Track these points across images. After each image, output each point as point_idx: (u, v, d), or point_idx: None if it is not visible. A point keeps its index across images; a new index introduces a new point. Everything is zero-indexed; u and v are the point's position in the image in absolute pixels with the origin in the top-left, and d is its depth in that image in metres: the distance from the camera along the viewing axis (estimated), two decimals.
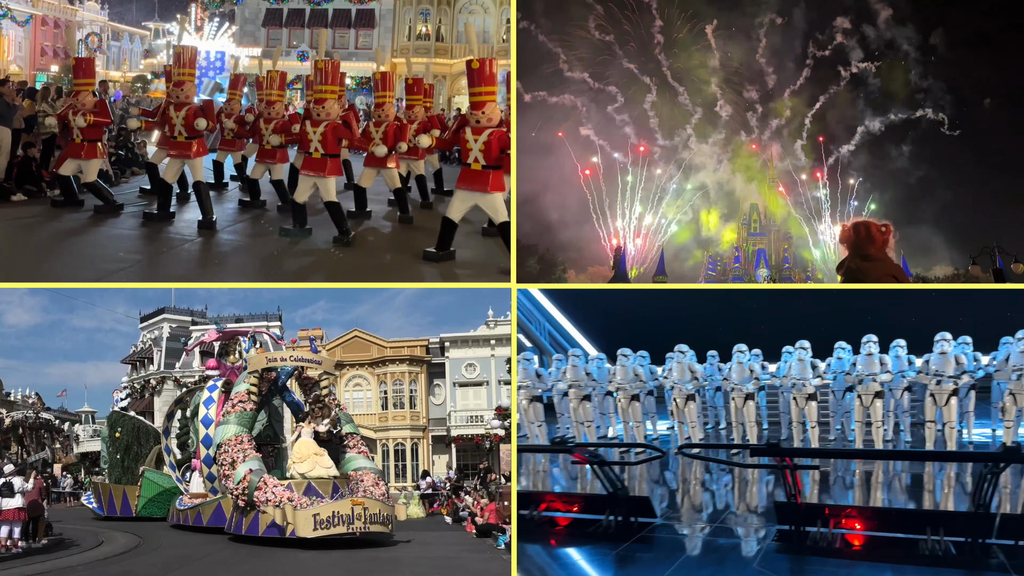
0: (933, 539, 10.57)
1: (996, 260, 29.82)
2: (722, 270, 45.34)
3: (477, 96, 15.57)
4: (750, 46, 44.99)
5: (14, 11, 40.74)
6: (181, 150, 19.06)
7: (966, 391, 18.39)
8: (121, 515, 25.18)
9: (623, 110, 44.24)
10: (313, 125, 17.66)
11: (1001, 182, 42.44)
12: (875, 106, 45.50)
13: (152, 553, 17.97)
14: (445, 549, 18.49)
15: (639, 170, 44.19)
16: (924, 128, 45.24)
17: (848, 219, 43.63)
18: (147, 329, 47.77)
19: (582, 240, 43.36)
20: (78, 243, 17.54)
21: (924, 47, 44.59)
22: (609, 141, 44.16)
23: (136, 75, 52.07)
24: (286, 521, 17.09)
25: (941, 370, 17.26)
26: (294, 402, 22.60)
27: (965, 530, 10.61)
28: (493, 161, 15.47)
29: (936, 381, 17.29)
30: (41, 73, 43.62)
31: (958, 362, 17.34)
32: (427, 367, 39.70)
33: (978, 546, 10.46)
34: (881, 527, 11.18)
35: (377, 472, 19.99)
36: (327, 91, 17.87)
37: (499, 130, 15.51)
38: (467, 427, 38.25)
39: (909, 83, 45.03)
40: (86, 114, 18.94)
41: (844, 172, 45.80)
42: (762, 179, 46.05)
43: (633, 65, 44.40)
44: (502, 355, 36.98)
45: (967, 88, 44.23)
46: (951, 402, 17.28)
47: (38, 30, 45.24)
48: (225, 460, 18.43)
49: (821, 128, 45.82)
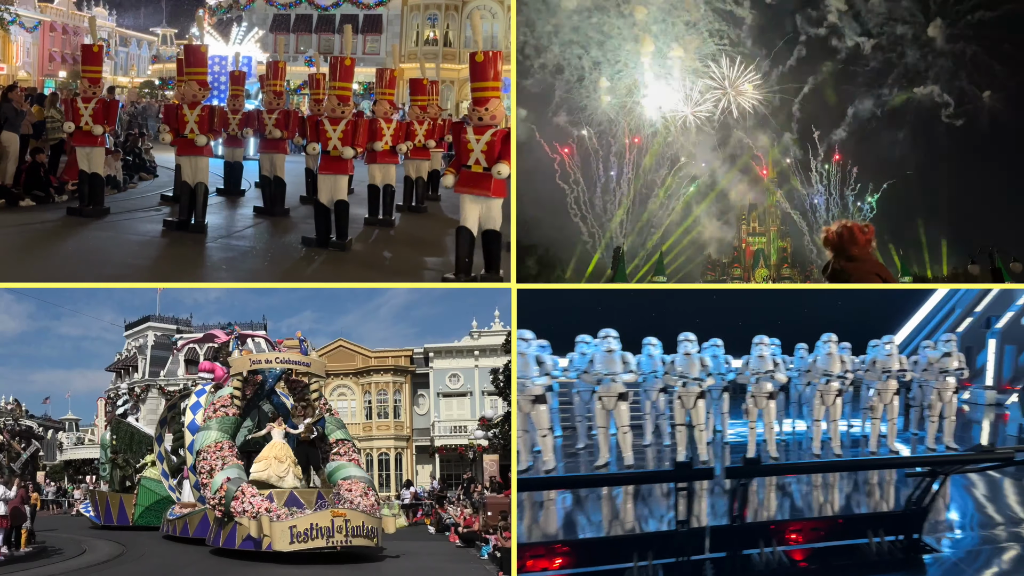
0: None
1: (995, 260, 30.27)
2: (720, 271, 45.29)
3: (481, 91, 14.19)
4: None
5: (22, 17, 40.76)
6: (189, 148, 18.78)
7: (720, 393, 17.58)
8: (118, 524, 24.54)
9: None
10: (332, 124, 17.77)
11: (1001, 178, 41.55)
12: (871, 85, 44.89)
13: (131, 564, 17.84)
14: (429, 560, 18.22)
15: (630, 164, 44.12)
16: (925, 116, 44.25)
17: (847, 216, 43.61)
18: (132, 337, 47.68)
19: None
20: (95, 248, 17.29)
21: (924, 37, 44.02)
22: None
23: (144, 81, 52.20)
24: (262, 534, 16.14)
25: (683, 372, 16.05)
26: (282, 406, 21.05)
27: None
28: (495, 163, 14.03)
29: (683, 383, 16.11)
30: (49, 79, 43.65)
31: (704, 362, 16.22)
32: (411, 377, 39.77)
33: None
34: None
35: (367, 482, 18.62)
36: (346, 88, 18.18)
37: (503, 130, 14.33)
38: (451, 437, 38.33)
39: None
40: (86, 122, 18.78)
41: (841, 163, 45.16)
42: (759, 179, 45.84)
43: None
44: (486, 366, 37.04)
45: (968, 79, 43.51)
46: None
47: (46, 36, 45.31)
48: (204, 468, 17.68)
49: (811, 115, 45.26)
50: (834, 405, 16.90)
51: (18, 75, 41.02)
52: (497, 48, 43.92)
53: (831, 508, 15.51)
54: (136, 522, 24.08)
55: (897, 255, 40.69)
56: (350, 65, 18.11)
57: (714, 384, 16.77)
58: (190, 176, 18.53)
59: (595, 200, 43.93)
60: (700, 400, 16.06)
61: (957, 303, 31.19)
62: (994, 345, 28.66)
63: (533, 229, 40.52)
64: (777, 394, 17.05)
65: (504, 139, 14.13)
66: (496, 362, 33.02)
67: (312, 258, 17.48)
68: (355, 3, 48.64)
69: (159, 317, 46.94)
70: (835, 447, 16.67)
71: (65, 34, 47.87)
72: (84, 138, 18.96)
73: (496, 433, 30.65)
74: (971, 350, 30.10)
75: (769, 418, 16.70)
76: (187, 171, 18.63)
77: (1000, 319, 29.26)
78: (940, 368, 17.60)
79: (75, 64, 46.94)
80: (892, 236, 40.85)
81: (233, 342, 22.55)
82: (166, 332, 46.20)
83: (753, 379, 16.56)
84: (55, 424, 57.54)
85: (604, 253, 42.86)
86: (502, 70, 14.36)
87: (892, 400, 17.30)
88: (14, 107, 21.71)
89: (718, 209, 46.08)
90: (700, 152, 45.09)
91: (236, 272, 16.51)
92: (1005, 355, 26.99)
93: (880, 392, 17.20)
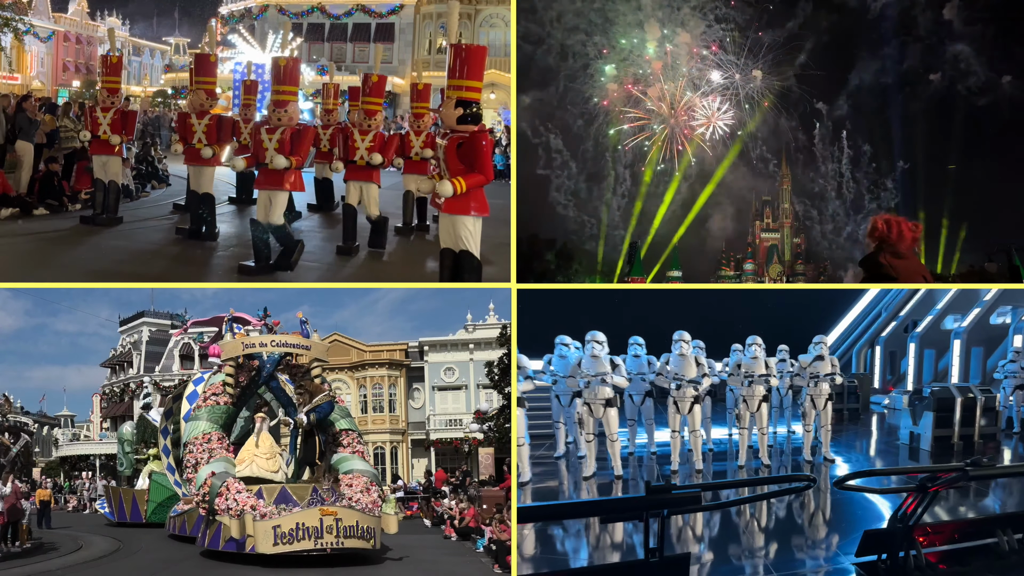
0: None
1: (1013, 258, 29.87)
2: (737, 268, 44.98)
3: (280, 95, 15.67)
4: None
5: (36, 27, 40.75)
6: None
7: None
8: (131, 520, 23.81)
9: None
10: (361, 134, 18.49)
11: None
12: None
13: (122, 560, 17.68)
14: (425, 553, 17.80)
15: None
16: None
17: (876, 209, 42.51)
18: (126, 333, 47.68)
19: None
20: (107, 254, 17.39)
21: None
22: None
23: (157, 90, 52.24)
24: (244, 534, 14.75)
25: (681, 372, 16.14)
26: (282, 393, 18.94)
27: None
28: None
29: (676, 386, 16.06)
30: (63, 89, 43.68)
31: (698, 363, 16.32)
32: (406, 371, 39.81)
33: None
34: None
35: (372, 476, 16.94)
36: (376, 103, 18.89)
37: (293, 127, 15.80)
38: (446, 431, 38.43)
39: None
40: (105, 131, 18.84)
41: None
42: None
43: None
44: (481, 359, 37.10)
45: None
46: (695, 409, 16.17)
47: (60, 46, 45.35)
48: (189, 461, 16.46)
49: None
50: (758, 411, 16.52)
51: (32, 85, 41.13)
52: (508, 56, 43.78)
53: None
54: (149, 519, 23.12)
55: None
56: (378, 81, 19.05)
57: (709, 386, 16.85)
58: (196, 185, 18.70)
59: (599, 193, 43.56)
60: (696, 405, 15.94)
61: (884, 306, 31.15)
62: (914, 349, 28.35)
63: (555, 223, 40.60)
64: (770, 397, 16.98)
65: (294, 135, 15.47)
66: (491, 355, 33.07)
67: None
68: (367, 12, 48.59)
69: (153, 312, 46.94)
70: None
71: (79, 44, 47.92)
72: (102, 147, 19.08)
73: (491, 426, 30.74)
74: (895, 354, 30.16)
75: (762, 423, 16.60)
76: (194, 180, 18.85)
77: (921, 322, 28.98)
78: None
79: (88, 74, 47.06)
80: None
81: (226, 325, 20.69)
82: (161, 327, 46.22)
83: (746, 383, 16.48)
84: (50, 420, 57.54)
85: (606, 245, 42.39)
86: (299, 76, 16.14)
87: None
88: (28, 117, 21.81)
89: (732, 204, 45.71)
90: (711, 144, 44.45)
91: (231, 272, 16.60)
92: (961, 358, 26.67)
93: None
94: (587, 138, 42.63)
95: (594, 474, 15.65)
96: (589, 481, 15.58)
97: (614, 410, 15.31)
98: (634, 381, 16.44)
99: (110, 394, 47.50)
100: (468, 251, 12.37)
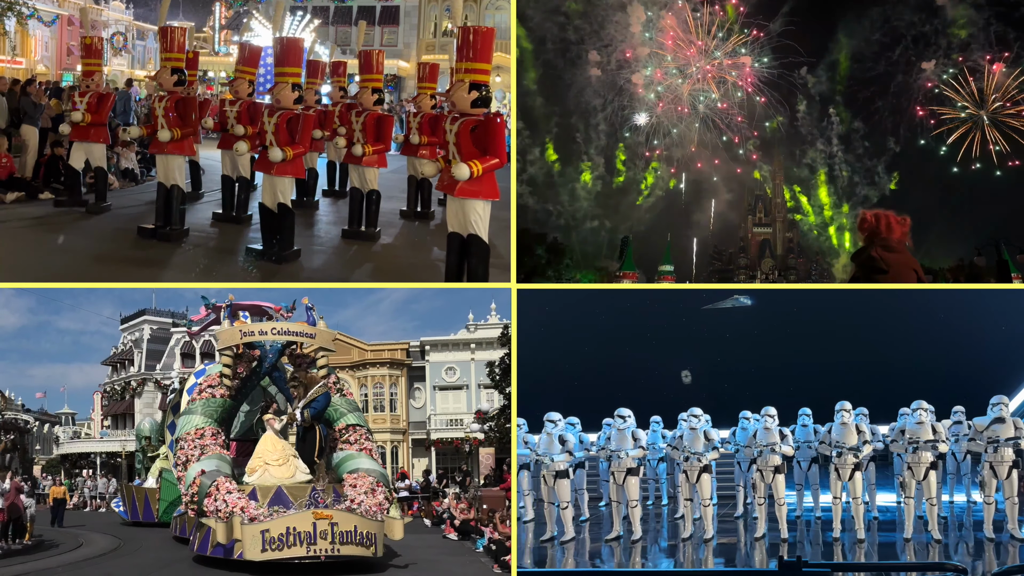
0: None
1: (1002, 252, 29.33)
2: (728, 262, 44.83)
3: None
4: None
5: (41, 11, 40.62)
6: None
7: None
8: (144, 520, 23.37)
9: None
10: (357, 115, 18.13)
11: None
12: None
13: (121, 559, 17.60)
14: (426, 553, 17.48)
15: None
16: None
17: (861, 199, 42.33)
18: (128, 331, 47.71)
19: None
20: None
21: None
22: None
23: None
24: (231, 538, 13.52)
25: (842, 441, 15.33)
26: (282, 381, 17.54)
27: None
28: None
29: (837, 453, 15.30)
30: (67, 73, 43.52)
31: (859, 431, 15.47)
32: (407, 370, 39.83)
33: None
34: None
35: (378, 476, 15.54)
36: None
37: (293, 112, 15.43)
38: (447, 431, 38.44)
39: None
40: (84, 112, 18.33)
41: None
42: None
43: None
44: (482, 359, 37.13)
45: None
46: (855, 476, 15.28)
47: (64, 30, 45.25)
48: (180, 458, 15.32)
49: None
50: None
51: (36, 69, 41.02)
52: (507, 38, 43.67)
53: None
54: (161, 518, 22.39)
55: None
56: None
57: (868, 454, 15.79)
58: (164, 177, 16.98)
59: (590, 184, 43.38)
60: (857, 472, 15.01)
61: None
62: None
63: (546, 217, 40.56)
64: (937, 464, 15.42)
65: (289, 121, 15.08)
66: (492, 355, 33.08)
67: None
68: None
69: (155, 311, 46.99)
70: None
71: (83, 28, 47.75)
72: (81, 133, 18.54)
73: (492, 426, 30.73)
74: None
75: (930, 492, 15.08)
76: (161, 171, 17.16)
77: None
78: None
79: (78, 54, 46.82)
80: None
81: (224, 312, 18.96)
82: (162, 326, 46.26)
83: (910, 448, 15.10)
84: (51, 418, 57.67)
85: (584, 238, 42.08)
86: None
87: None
88: (33, 101, 21.87)
89: (723, 198, 45.56)
90: (698, 133, 44.27)
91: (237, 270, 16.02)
92: None
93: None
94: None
95: (619, 537, 15.30)
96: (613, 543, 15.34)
97: (635, 478, 15.24)
98: (801, 449, 16.38)
99: (111, 392, 47.54)
100: (477, 235, 12.13)
